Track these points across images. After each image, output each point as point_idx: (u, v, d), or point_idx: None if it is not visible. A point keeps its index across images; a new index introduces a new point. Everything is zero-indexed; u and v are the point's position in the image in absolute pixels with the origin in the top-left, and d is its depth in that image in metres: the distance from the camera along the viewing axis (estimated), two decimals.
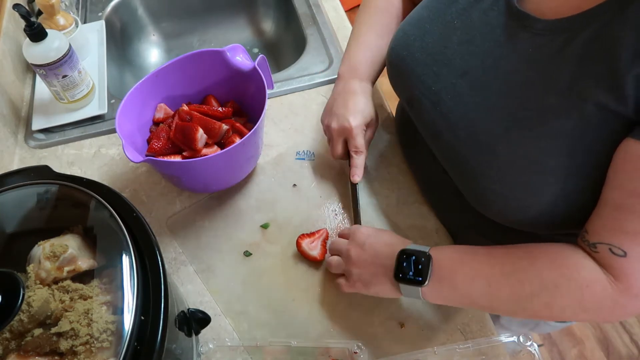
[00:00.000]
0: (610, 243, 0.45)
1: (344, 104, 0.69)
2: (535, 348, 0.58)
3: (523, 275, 0.49)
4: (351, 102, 0.68)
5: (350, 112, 0.67)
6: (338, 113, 0.69)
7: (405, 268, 0.54)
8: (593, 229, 0.47)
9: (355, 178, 0.69)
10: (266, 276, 0.68)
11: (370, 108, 0.70)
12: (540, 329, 0.82)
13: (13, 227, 0.49)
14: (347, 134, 0.68)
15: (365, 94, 0.70)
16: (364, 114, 0.68)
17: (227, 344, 0.62)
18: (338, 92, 0.71)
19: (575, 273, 0.47)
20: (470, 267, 0.52)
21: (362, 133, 0.68)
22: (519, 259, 0.50)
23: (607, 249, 0.46)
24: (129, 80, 1.07)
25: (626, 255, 0.44)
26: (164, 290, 0.42)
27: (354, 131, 0.67)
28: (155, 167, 0.69)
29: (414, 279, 0.53)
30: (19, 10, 0.70)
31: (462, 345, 0.60)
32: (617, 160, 0.45)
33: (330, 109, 0.71)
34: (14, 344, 0.40)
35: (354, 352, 0.60)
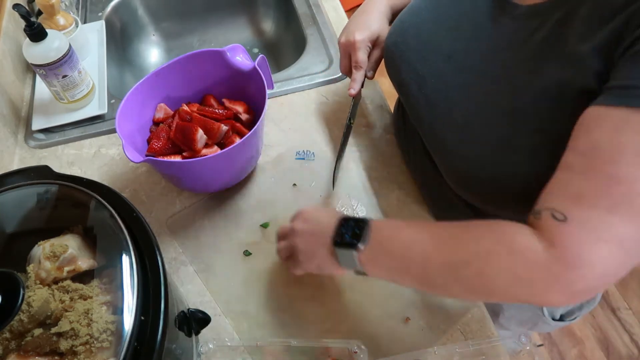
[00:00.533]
0: (553, 207, 0.42)
1: (357, 20, 0.71)
2: (535, 348, 0.58)
3: (457, 241, 0.46)
4: (362, 19, 0.70)
5: (358, 27, 0.69)
6: (349, 28, 0.71)
7: (342, 233, 0.51)
8: (542, 196, 0.45)
9: (351, 91, 0.70)
10: (266, 276, 0.68)
11: (379, 24, 0.70)
12: (539, 328, 0.82)
13: (13, 227, 0.49)
14: (351, 48, 0.69)
15: (380, 13, 0.71)
16: (371, 29, 0.69)
17: (227, 344, 0.62)
18: (358, 10, 0.73)
19: (508, 239, 0.44)
20: (409, 234, 0.49)
21: (365, 48, 0.69)
22: (458, 228, 0.48)
23: (549, 214, 0.42)
24: (129, 80, 1.07)
25: (566, 219, 0.41)
26: (164, 290, 0.42)
27: (357, 44, 0.68)
28: (155, 167, 0.69)
29: (350, 242, 0.50)
30: (19, 10, 0.70)
31: (462, 345, 0.60)
32: (577, 126, 0.44)
33: (346, 26, 0.73)
34: (14, 344, 0.40)
35: (353, 351, 0.60)
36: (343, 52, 0.72)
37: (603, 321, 1.57)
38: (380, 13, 0.71)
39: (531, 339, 0.59)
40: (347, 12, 1.05)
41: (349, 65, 0.72)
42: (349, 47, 0.69)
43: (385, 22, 0.71)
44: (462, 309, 0.65)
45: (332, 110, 0.86)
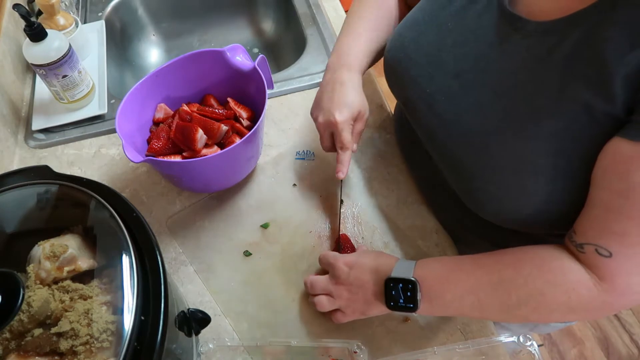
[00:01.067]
0: (597, 244, 0.46)
1: (331, 96, 0.65)
2: (535, 348, 0.58)
3: (510, 285, 0.50)
4: (337, 95, 0.65)
5: (336, 106, 0.64)
6: (324, 107, 0.66)
7: (395, 296, 0.54)
8: (580, 230, 0.48)
9: (339, 175, 0.66)
10: (266, 276, 0.68)
11: (358, 100, 0.66)
12: (540, 329, 0.83)
13: (13, 227, 0.49)
14: (333, 129, 0.65)
15: (354, 84, 0.66)
16: (351, 107, 0.64)
17: (227, 344, 0.62)
18: (326, 82, 0.67)
19: (560, 278, 0.48)
20: (458, 283, 0.53)
21: (348, 128, 0.65)
22: (505, 267, 0.51)
23: (593, 249, 0.46)
24: (129, 80, 1.07)
25: (612, 255, 0.45)
26: (164, 290, 0.42)
27: (339, 126, 0.64)
28: (155, 167, 0.69)
29: (405, 306, 0.54)
30: (19, 10, 0.70)
31: (462, 345, 0.60)
32: (605, 159, 0.45)
33: (318, 101, 0.68)
34: (14, 344, 0.40)
35: (353, 351, 0.60)
36: (323, 132, 0.67)
37: (603, 321, 1.57)
38: (355, 85, 0.66)
39: (530, 338, 0.59)
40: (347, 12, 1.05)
41: (331, 145, 0.68)
42: (330, 128, 0.65)
43: (361, 93, 0.67)
44: None
45: None
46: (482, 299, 0.51)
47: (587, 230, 0.47)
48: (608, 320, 1.57)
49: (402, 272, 0.55)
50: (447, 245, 0.71)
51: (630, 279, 0.45)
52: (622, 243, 0.44)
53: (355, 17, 0.72)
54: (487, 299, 0.51)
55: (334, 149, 0.68)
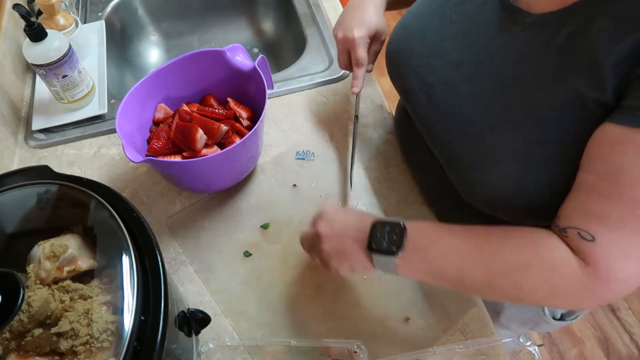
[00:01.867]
0: (579, 227, 0.45)
1: (353, 14, 0.69)
2: (535, 348, 0.58)
3: (496, 252, 0.48)
4: (359, 12, 0.68)
5: (356, 23, 0.67)
6: (344, 23, 0.69)
7: (378, 238, 0.51)
8: (564, 214, 0.47)
9: (354, 89, 0.69)
10: (266, 276, 0.68)
11: (377, 20, 0.69)
12: (540, 327, 0.82)
13: (13, 227, 0.49)
14: (350, 45, 0.68)
15: (376, 5, 0.69)
16: (369, 25, 0.68)
17: (227, 344, 0.62)
18: (351, 2, 0.71)
19: (547, 253, 0.47)
20: (445, 241, 0.51)
21: (364, 44, 0.68)
22: (494, 236, 0.50)
23: (576, 233, 0.45)
24: (129, 80, 1.07)
25: (594, 239, 0.44)
26: (164, 290, 0.42)
27: (356, 42, 0.67)
28: (155, 167, 0.69)
29: (388, 249, 0.50)
30: (19, 10, 0.70)
31: (462, 345, 0.60)
32: (592, 143, 0.45)
33: (341, 20, 0.71)
34: (14, 344, 0.40)
35: (353, 351, 0.60)
36: (341, 49, 0.71)
37: (603, 321, 1.57)
38: (377, 7, 0.70)
39: (530, 338, 0.59)
40: None
41: (347, 62, 0.71)
42: (347, 44, 0.69)
43: (382, 16, 0.70)
44: (462, 309, 0.65)
45: (332, 110, 0.86)
46: (465, 261, 0.49)
47: (570, 214, 0.46)
48: (608, 320, 1.57)
49: (391, 219, 0.53)
50: None
51: (613, 264, 0.44)
52: (604, 226, 0.44)
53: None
54: (471, 262, 0.49)
55: (349, 67, 0.72)
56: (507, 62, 0.51)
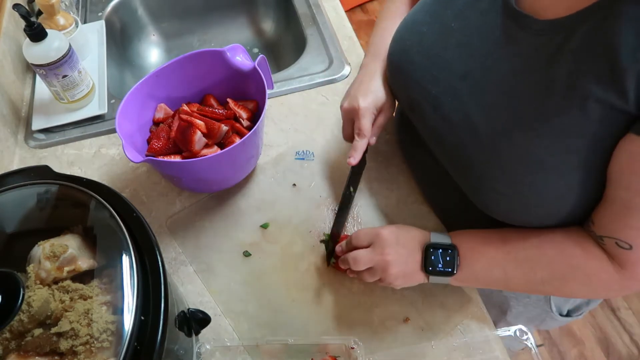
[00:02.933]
0: (617, 237, 0.48)
1: (359, 85, 0.68)
2: (532, 342, 0.58)
3: (534, 264, 0.54)
4: (366, 83, 0.67)
5: (362, 93, 0.65)
6: (351, 93, 0.68)
7: (434, 261, 0.57)
8: (600, 223, 0.50)
9: (351, 160, 0.65)
10: (266, 276, 0.68)
11: (385, 91, 0.67)
12: (547, 324, 0.83)
13: (13, 227, 0.49)
14: (354, 115, 0.66)
15: (384, 75, 0.68)
16: (376, 95, 0.66)
17: (226, 344, 0.62)
18: (359, 75, 0.70)
19: (582, 262, 0.52)
20: (487, 256, 0.57)
21: (369, 115, 0.65)
22: (531, 247, 0.55)
23: (613, 242, 0.49)
24: (129, 80, 1.07)
25: (632, 248, 0.48)
26: (164, 290, 0.42)
27: (361, 112, 0.64)
28: (155, 167, 0.69)
29: (444, 271, 0.57)
30: (19, 10, 0.70)
31: (459, 340, 0.61)
32: (621, 158, 0.45)
33: (348, 90, 0.70)
34: (14, 344, 0.40)
35: (350, 347, 0.60)
36: (346, 118, 0.68)
37: (603, 321, 1.57)
38: (383, 75, 0.68)
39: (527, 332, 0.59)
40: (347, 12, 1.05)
41: (351, 132, 0.67)
42: (352, 113, 0.66)
43: (389, 88, 0.68)
44: (462, 309, 0.65)
45: (332, 110, 0.86)
46: (508, 273, 0.55)
47: (606, 225, 0.49)
48: (608, 320, 1.57)
49: (441, 239, 0.59)
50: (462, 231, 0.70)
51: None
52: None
53: (384, 15, 0.74)
54: (513, 273, 0.55)
55: (352, 138, 0.67)
56: (515, 69, 0.50)
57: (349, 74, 0.91)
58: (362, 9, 2.43)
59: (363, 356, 0.59)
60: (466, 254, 0.58)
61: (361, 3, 2.45)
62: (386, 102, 0.66)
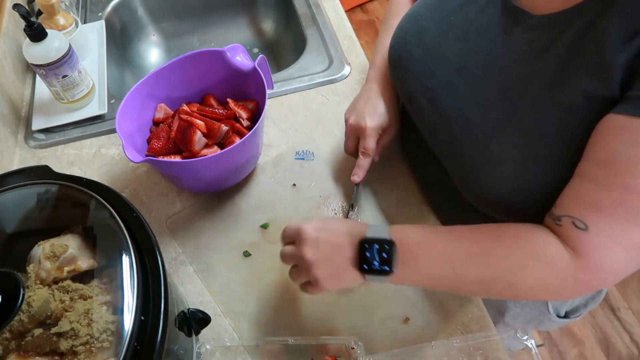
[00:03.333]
0: (573, 216, 0.45)
1: (367, 102, 0.69)
2: (532, 342, 0.58)
3: (489, 256, 0.48)
4: (373, 103, 0.68)
5: (369, 113, 0.67)
6: (358, 110, 0.69)
7: (369, 258, 0.49)
8: (560, 202, 0.47)
9: (354, 178, 0.68)
10: (266, 276, 0.68)
11: (393, 115, 0.69)
12: (545, 326, 0.83)
13: (13, 227, 0.49)
14: (361, 133, 0.67)
15: (390, 98, 0.70)
16: (382, 117, 0.68)
17: (226, 344, 0.62)
18: (365, 90, 0.71)
19: (540, 250, 0.47)
20: (435, 250, 0.50)
21: (375, 135, 0.67)
22: (485, 238, 0.49)
23: (570, 222, 0.45)
24: (129, 80, 1.07)
25: (587, 229, 0.44)
26: (164, 290, 0.42)
27: (367, 132, 0.66)
28: (155, 167, 0.69)
29: (380, 269, 0.49)
30: (19, 10, 0.70)
31: (460, 339, 0.60)
32: (593, 133, 0.45)
33: (354, 104, 0.71)
34: (14, 344, 0.40)
35: (350, 347, 0.60)
36: (350, 134, 0.69)
37: (603, 321, 1.57)
38: (391, 100, 0.69)
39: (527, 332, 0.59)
40: (347, 12, 1.05)
41: (354, 148, 0.69)
42: (358, 131, 0.67)
43: (397, 111, 0.70)
44: (462, 309, 0.65)
45: (332, 110, 0.86)
46: (458, 269, 0.48)
47: (565, 202, 0.47)
48: (608, 321, 1.57)
49: (378, 233, 0.51)
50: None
51: (604, 255, 0.44)
52: (598, 215, 0.44)
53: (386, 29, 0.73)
54: (464, 269, 0.48)
55: (354, 153, 0.70)
56: (510, 64, 0.51)
57: (349, 74, 0.91)
58: (362, 9, 2.44)
59: (363, 356, 0.59)
60: (410, 249, 0.50)
61: (361, 3, 2.45)
62: (391, 122, 0.69)
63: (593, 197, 0.44)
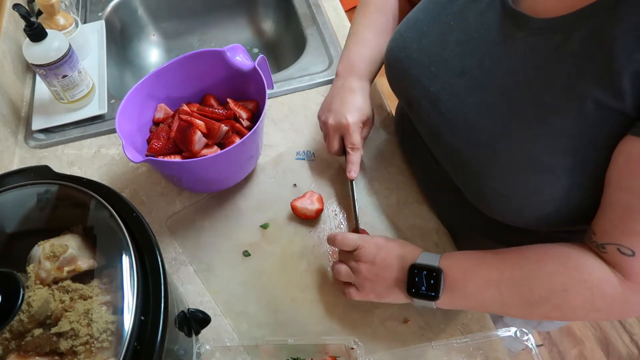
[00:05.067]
0: (619, 243, 0.46)
1: (342, 101, 0.69)
2: (532, 342, 0.58)
3: (533, 280, 0.50)
4: (349, 100, 0.69)
5: (348, 109, 0.68)
6: (335, 109, 0.69)
7: (417, 283, 0.54)
8: (601, 230, 0.48)
9: (352, 174, 0.69)
10: (266, 276, 0.68)
11: (367, 106, 0.70)
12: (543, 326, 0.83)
13: (13, 227, 0.49)
14: (344, 131, 0.68)
15: (363, 92, 0.71)
16: (361, 111, 0.69)
17: (226, 344, 0.62)
18: (336, 89, 0.72)
19: (584, 275, 0.48)
20: (481, 275, 0.52)
21: (358, 130, 0.69)
22: (529, 262, 0.51)
23: (615, 249, 0.46)
24: (129, 80, 1.07)
25: (635, 254, 0.45)
26: (164, 290, 0.42)
27: (351, 128, 0.67)
28: (155, 167, 0.69)
29: (426, 294, 0.53)
30: (19, 10, 0.70)
31: (460, 340, 0.60)
32: (619, 160, 0.45)
33: (328, 105, 0.71)
34: (14, 344, 0.40)
35: (350, 347, 0.60)
36: (332, 134, 0.70)
37: (603, 321, 1.57)
38: (364, 92, 0.71)
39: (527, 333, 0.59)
40: (347, 12, 1.05)
41: (338, 147, 0.71)
42: (341, 130, 0.69)
43: (369, 103, 0.71)
44: (462, 310, 0.65)
45: None
46: (503, 293, 0.51)
47: (608, 231, 0.47)
48: (608, 321, 1.57)
49: (428, 260, 0.55)
50: (447, 244, 0.71)
51: None
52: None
53: (361, 24, 0.75)
54: (509, 293, 0.51)
55: (340, 152, 0.72)
56: (511, 68, 0.50)
57: None
58: None
59: (363, 356, 0.59)
60: (457, 275, 0.53)
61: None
62: (369, 115, 0.71)
63: (638, 225, 0.44)
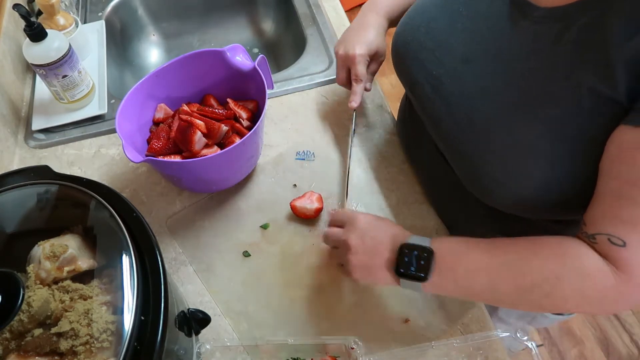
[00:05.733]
0: (609, 233, 0.45)
1: (356, 33, 0.73)
2: (532, 343, 0.58)
3: (524, 266, 0.48)
4: (361, 34, 0.72)
5: (357, 42, 0.71)
6: (347, 41, 0.72)
7: (406, 263, 0.52)
8: (591, 220, 0.47)
9: (352, 104, 0.72)
10: (266, 276, 0.68)
11: (378, 41, 0.72)
12: (538, 322, 0.83)
13: (13, 227, 0.49)
14: (350, 62, 0.71)
15: (378, 28, 0.73)
16: (370, 45, 0.71)
17: (226, 344, 0.62)
18: (355, 22, 0.75)
19: (577, 262, 0.47)
20: (472, 259, 0.51)
21: (364, 62, 0.71)
22: (522, 249, 0.50)
23: (606, 239, 0.45)
24: (129, 80, 1.07)
25: (625, 245, 0.44)
26: (164, 290, 0.42)
27: (357, 59, 0.70)
28: (155, 167, 0.69)
29: (415, 275, 0.51)
30: (19, 10, 0.70)
31: (460, 339, 0.60)
32: (611, 148, 0.45)
33: (344, 37, 0.75)
34: (14, 344, 0.40)
35: (350, 347, 0.60)
36: (341, 65, 0.73)
37: (603, 321, 1.57)
38: (379, 28, 0.73)
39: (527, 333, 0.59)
40: (347, 12, 1.05)
41: (346, 78, 0.74)
42: (348, 61, 0.71)
43: (383, 38, 0.73)
44: (462, 309, 0.65)
45: (332, 110, 0.86)
46: (494, 278, 0.49)
47: (598, 220, 0.46)
48: (608, 320, 1.57)
49: (419, 241, 0.53)
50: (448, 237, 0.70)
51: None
52: (634, 231, 0.44)
53: None
54: (500, 278, 0.49)
55: (346, 83, 0.75)
56: (516, 57, 0.51)
57: None
58: None
59: (363, 356, 0.59)
60: (448, 258, 0.52)
61: (361, 3, 2.45)
62: (379, 50, 0.73)
63: (629, 214, 0.44)
